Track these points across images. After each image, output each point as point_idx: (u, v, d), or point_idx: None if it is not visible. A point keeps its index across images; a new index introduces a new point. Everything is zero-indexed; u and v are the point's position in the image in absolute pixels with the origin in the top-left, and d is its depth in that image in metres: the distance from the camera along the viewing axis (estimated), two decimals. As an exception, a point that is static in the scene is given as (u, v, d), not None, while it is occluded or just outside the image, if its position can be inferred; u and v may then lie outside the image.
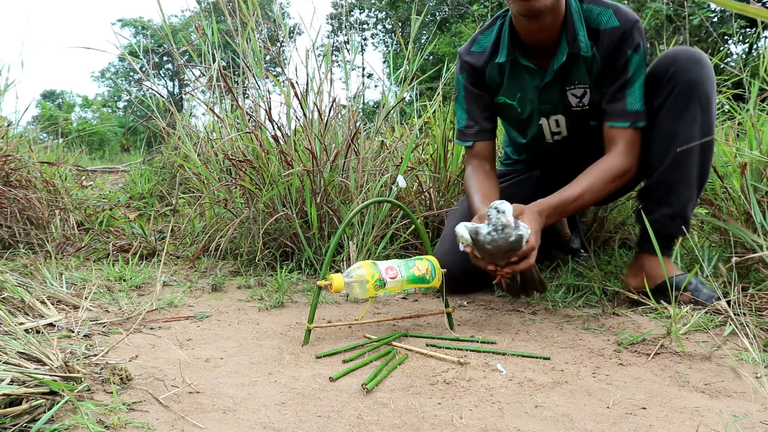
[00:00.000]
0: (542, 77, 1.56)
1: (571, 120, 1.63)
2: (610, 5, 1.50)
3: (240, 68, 2.23)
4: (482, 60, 1.61)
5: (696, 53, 1.48)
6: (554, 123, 1.65)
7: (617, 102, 1.50)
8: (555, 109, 1.62)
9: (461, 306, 1.59)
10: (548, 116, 1.64)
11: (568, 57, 1.51)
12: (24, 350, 0.98)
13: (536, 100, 1.60)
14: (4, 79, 2.61)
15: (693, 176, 1.49)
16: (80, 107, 23.74)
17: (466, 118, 1.66)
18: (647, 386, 1.03)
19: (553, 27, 1.50)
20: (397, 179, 1.74)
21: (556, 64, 1.53)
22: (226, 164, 2.21)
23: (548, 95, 1.59)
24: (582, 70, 1.53)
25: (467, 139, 1.67)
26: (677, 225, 1.50)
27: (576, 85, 1.56)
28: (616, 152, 1.50)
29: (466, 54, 1.64)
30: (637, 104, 1.48)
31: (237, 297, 1.66)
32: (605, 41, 1.49)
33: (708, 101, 1.46)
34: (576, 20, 1.50)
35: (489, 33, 1.62)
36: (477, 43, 1.64)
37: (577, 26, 1.50)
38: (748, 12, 0.44)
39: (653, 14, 6.79)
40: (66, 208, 2.43)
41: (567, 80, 1.56)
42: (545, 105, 1.61)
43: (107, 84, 32.39)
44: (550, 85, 1.57)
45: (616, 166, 1.48)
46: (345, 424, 0.88)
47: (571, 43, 1.50)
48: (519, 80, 1.59)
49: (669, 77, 1.47)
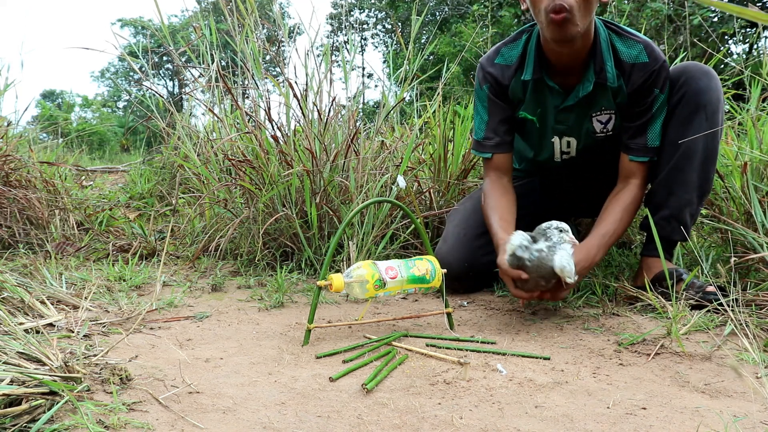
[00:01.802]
0: (563, 98, 1.57)
1: (584, 143, 1.65)
2: (641, 40, 1.51)
3: (239, 68, 2.23)
4: (507, 74, 1.60)
5: (706, 67, 1.53)
6: (566, 143, 1.66)
7: (639, 138, 1.54)
8: (569, 131, 1.63)
9: (461, 306, 1.59)
10: (561, 136, 1.65)
11: (594, 86, 1.52)
12: (24, 350, 0.98)
13: (552, 119, 1.61)
14: (4, 79, 2.61)
15: (693, 181, 1.51)
16: (80, 107, 23.73)
17: (485, 129, 1.65)
18: (647, 386, 1.03)
19: (582, 51, 1.50)
20: (397, 179, 1.73)
21: (582, 92, 1.54)
22: (225, 164, 2.21)
23: (565, 117, 1.60)
24: (608, 96, 1.55)
25: (486, 150, 1.65)
26: (673, 227, 1.52)
27: (602, 111, 1.58)
28: (634, 185, 1.55)
29: (490, 65, 1.62)
30: (656, 141, 1.53)
31: (237, 297, 1.66)
32: (633, 76, 1.50)
33: (713, 112, 1.49)
34: (604, 50, 1.51)
35: (514, 46, 1.60)
36: (501, 55, 1.62)
37: (605, 56, 1.51)
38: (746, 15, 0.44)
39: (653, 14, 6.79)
40: (66, 208, 2.43)
41: (592, 107, 1.57)
42: (560, 125, 1.62)
43: (107, 84, 32.41)
44: (570, 108, 1.58)
45: (638, 197, 1.56)
46: (345, 424, 0.88)
47: (598, 73, 1.51)
48: (541, 97, 1.59)
49: (679, 86, 1.51)
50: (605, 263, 1.88)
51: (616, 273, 1.78)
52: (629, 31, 1.52)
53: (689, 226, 1.55)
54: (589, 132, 1.62)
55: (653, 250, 1.57)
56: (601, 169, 1.69)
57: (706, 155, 1.50)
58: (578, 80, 1.55)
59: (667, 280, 1.41)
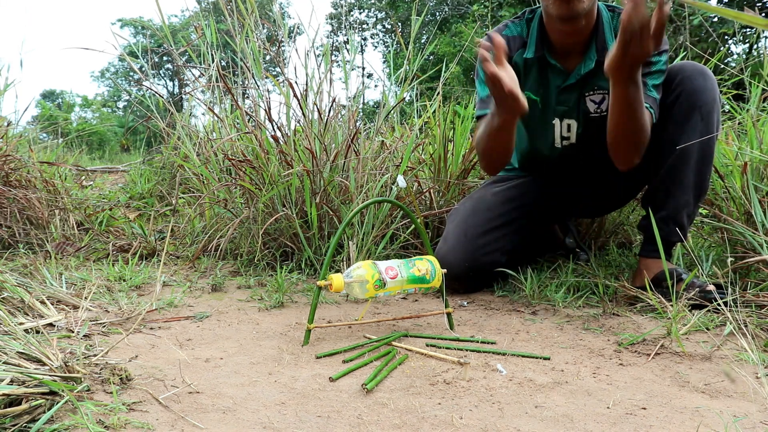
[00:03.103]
0: (565, 78, 1.58)
1: (583, 127, 1.64)
2: None
3: (239, 68, 2.23)
4: (513, 45, 1.60)
5: (702, 67, 1.53)
6: (566, 127, 1.66)
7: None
8: (569, 112, 1.63)
9: (461, 306, 1.59)
10: (562, 118, 1.65)
11: (595, 64, 1.53)
12: (24, 350, 0.98)
13: (554, 100, 1.61)
14: (4, 79, 2.61)
15: (689, 182, 1.52)
16: (80, 107, 23.73)
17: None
18: (647, 386, 1.03)
19: (585, 31, 1.52)
20: (397, 179, 1.73)
21: (584, 70, 1.55)
22: (225, 164, 2.21)
23: (566, 97, 1.61)
24: (603, 77, 1.54)
25: (489, 107, 1.57)
26: (671, 229, 1.52)
27: (595, 91, 1.58)
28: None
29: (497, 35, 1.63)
30: (654, 93, 1.49)
31: (237, 297, 1.66)
32: None
33: (708, 112, 1.50)
34: (607, 30, 1.53)
35: (519, 23, 1.63)
36: (508, 27, 1.64)
37: (607, 36, 1.53)
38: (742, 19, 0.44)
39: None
40: (66, 208, 2.43)
41: (586, 86, 1.58)
42: (561, 106, 1.62)
43: (107, 84, 32.41)
44: (570, 87, 1.59)
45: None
46: (345, 424, 0.88)
47: (600, 51, 1.52)
48: (544, 77, 1.60)
49: (675, 85, 1.52)
50: (605, 263, 1.88)
51: (616, 273, 1.78)
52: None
53: (686, 227, 1.56)
54: (585, 113, 1.61)
55: (651, 251, 1.58)
56: (600, 163, 1.67)
57: (701, 156, 1.51)
58: (580, 60, 1.56)
59: (667, 280, 1.41)
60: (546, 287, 1.63)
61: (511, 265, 1.70)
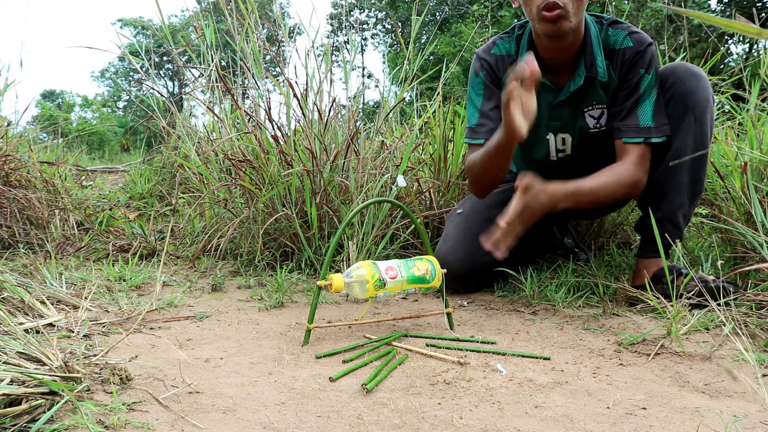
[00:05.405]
0: (556, 95, 1.59)
1: (579, 140, 1.65)
2: (627, 27, 1.54)
3: (239, 68, 2.23)
4: (502, 64, 1.62)
5: (695, 67, 1.54)
6: (560, 141, 1.67)
7: (629, 118, 1.53)
8: (564, 127, 1.64)
9: (461, 306, 1.59)
10: (556, 133, 1.66)
11: (585, 80, 1.55)
12: (24, 350, 0.98)
13: (546, 116, 1.62)
14: (4, 79, 2.60)
15: (684, 183, 1.53)
16: (80, 107, 23.72)
17: (479, 117, 1.65)
18: (647, 386, 1.03)
19: (573, 47, 1.53)
20: (397, 179, 1.73)
21: (573, 87, 1.56)
22: (225, 164, 2.21)
23: (559, 113, 1.62)
24: (599, 91, 1.57)
25: (478, 137, 1.63)
26: (667, 230, 1.53)
27: (594, 106, 1.59)
28: (628, 161, 1.51)
29: (486, 54, 1.65)
30: (649, 121, 1.52)
31: (237, 297, 1.66)
32: (619, 60, 1.53)
33: (702, 113, 1.50)
34: (595, 45, 1.54)
35: (508, 40, 1.64)
36: (497, 46, 1.65)
37: (595, 51, 1.54)
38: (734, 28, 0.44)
39: (653, 14, 6.79)
40: (66, 208, 2.43)
41: (584, 102, 1.59)
42: (554, 122, 1.64)
43: (107, 84, 32.39)
44: (562, 104, 1.60)
45: (630, 172, 1.50)
46: (345, 424, 0.88)
47: (589, 67, 1.54)
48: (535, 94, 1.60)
49: (667, 87, 1.53)
50: (605, 263, 1.88)
51: (615, 273, 1.78)
52: (615, 20, 1.56)
53: (683, 227, 1.56)
54: (583, 128, 1.63)
55: (649, 252, 1.58)
56: (597, 167, 1.68)
57: (696, 157, 1.51)
58: (570, 77, 1.57)
59: (666, 276, 1.42)
60: (546, 287, 1.63)
61: (511, 266, 1.70)
